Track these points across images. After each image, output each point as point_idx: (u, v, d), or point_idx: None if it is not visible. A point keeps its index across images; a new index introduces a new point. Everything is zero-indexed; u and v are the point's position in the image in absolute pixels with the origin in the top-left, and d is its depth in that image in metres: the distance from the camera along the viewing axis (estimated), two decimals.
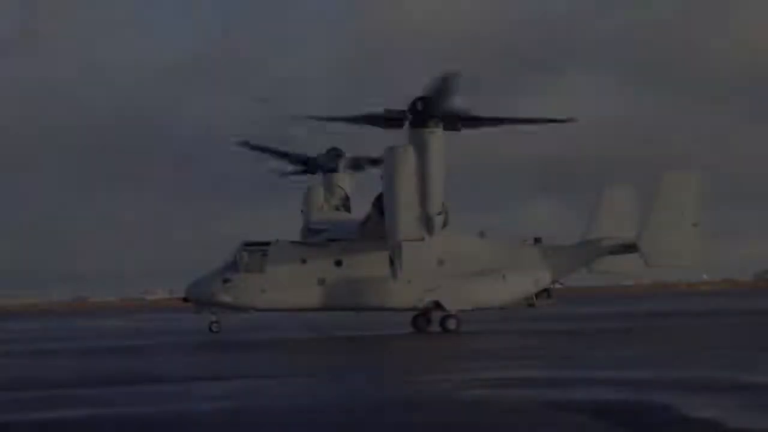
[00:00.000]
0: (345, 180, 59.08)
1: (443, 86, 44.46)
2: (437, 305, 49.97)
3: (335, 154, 59.03)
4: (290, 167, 60.48)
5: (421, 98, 45.62)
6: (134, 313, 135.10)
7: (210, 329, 50.62)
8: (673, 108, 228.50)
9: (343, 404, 20.59)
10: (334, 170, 58.89)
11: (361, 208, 52.66)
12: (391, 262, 46.52)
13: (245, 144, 57.36)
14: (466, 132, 46.66)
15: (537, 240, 52.45)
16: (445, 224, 46.93)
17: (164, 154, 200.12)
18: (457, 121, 46.09)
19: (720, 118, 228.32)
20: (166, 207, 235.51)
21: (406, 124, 46.17)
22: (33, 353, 43.52)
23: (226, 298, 50.10)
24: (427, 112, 45.48)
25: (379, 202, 47.46)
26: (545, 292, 51.89)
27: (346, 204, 58.29)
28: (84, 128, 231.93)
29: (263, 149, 58.18)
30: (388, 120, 46.79)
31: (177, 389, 24.87)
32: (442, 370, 28.82)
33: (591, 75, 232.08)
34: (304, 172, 60.33)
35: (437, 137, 45.65)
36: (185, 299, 51.78)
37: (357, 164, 58.99)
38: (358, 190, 57.64)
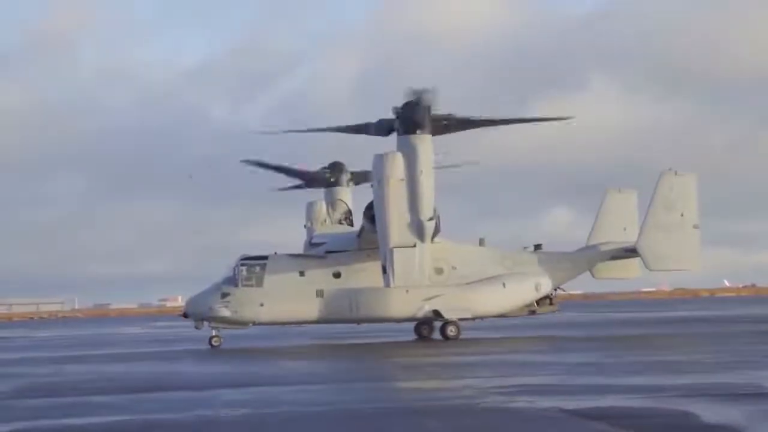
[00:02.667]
0: (347, 194, 58.82)
1: (418, 101, 44.75)
2: (436, 314, 49.00)
3: (337, 168, 58.88)
4: (290, 182, 60.21)
5: (406, 105, 45.52)
6: (153, 321, 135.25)
7: (210, 343, 49.28)
8: (693, 114, 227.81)
9: (362, 411, 20.51)
10: (337, 185, 58.77)
11: None
12: (384, 270, 45.82)
13: (246, 161, 57.02)
14: (451, 136, 46.30)
15: (537, 246, 51.60)
16: (437, 230, 46.29)
17: (185, 160, 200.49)
18: (443, 125, 45.74)
19: (738, 123, 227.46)
20: (186, 214, 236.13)
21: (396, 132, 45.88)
22: (59, 360, 43.47)
23: (225, 313, 49.06)
24: (414, 119, 45.30)
25: (370, 211, 47.03)
26: (547, 299, 50.99)
27: (348, 218, 57.91)
28: (105, 134, 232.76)
29: (263, 165, 57.51)
30: (379, 129, 46.71)
31: (200, 396, 24.81)
32: (457, 377, 28.47)
33: (606, 80, 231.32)
34: (306, 186, 59.98)
35: (425, 143, 45.31)
36: (185, 315, 50.86)
37: (359, 179, 58.43)
38: (361, 204, 56.70)
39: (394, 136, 46.64)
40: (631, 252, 50.57)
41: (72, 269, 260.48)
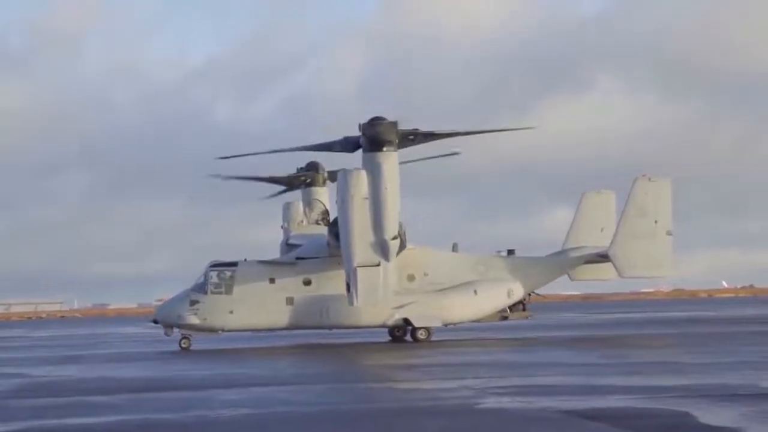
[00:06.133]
0: (324, 194, 58.22)
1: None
2: (406, 322, 48.49)
3: (314, 168, 58.34)
4: (272, 189, 59.95)
5: (371, 122, 44.71)
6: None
7: (180, 345, 48.90)
8: (694, 114, 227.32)
9: (361, 412, 20.40)
10: (314, 185, 58.30)
11: None
12: (348, 288, 45.12)
13: (217, 176, 56.61)
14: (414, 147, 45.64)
15: (510, 252, 50.95)
16: (402, 246, 45.68)
17: (186, 160, 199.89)
18: (410, 140, 45.03)
19: (738, 123, 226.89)
20: (186, 214, 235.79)
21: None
22: (58, 360, 43.34)
23: (194, 321, 48.54)
24: (379, 136, 44.52)
25: (335, 227, 46.29)
26: (520, 305, 50.31)
27: (325, 218, 57.06)
28: (108, 133, 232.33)
29: (236, 178, 57.52)
30: (344, 146, 45.86)
31: (197, 396, 24.68)
32: (454, 377, 28.22)
33: (615, 81, 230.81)
34: (287, 191, 59.61)
35: (390, 161, 44.51)
36: (155, 321, 50.34)
37: (336, 178, 58.34)
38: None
39: (359, 153, 45.73)
40: (604, 257, 49.80)
41: (71, 269, 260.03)
